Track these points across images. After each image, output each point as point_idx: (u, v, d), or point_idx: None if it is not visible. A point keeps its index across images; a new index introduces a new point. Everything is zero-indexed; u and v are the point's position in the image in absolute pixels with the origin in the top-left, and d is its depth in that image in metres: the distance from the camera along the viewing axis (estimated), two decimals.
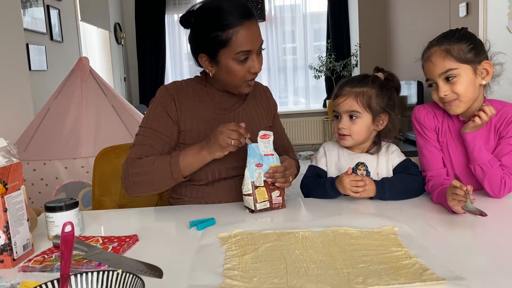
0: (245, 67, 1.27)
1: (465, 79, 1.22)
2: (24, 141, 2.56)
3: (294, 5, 6.44)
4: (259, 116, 1.45)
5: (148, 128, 1.32)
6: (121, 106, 2.75)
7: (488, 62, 1.23)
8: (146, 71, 6.34)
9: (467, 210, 1.04)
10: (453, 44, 1.22)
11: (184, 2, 6.32)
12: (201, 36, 1.28)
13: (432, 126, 1.35)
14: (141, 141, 1.32)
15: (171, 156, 1.24)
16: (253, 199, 1.21)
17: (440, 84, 1.23)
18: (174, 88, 1.37)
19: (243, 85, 1.31)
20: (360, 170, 1.35)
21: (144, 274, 0.84)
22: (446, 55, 1.21)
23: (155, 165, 1.24)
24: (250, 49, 1.25)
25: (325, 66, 6.18)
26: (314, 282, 0.79)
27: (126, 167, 1.29)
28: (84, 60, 2.75)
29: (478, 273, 0.80)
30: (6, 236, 0.92)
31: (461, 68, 1.21)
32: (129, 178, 1.27)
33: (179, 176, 1.24)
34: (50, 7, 4.18)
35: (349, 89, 1.33)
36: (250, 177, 1.21)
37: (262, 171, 1.21)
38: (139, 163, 1.26)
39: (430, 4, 4.52)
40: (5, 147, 0.96)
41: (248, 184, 1.21)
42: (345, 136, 1.34)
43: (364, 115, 1.32)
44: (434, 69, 1.23)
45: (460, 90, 1.21)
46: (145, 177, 1.25)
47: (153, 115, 1.34)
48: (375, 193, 1.27)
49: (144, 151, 1.30)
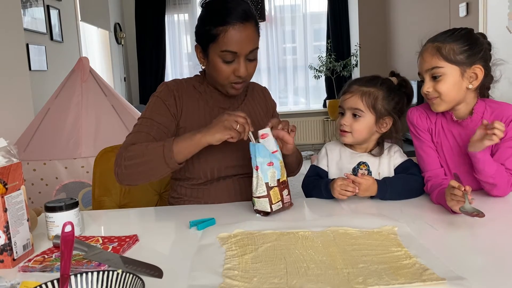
0: (230, 68, 1.27)
1: (450, 79, 1.21)
2: (24, 141, 2.56)
3: (294, 5, 6.44)
4: (257, 117, 1.46)
5: (146, 118, 1.32)
6: (121, 106, 2.75)
7: (479, 67, 1.21)
8: (146, 71, 6.34)
9: (465, 212, 1.04)
10: (447, 43, 1.21)
11: (184, 2, 6.33)
12: (199, 26, 1.31)
13: (425, 127, 1.35)
14: (138, 129, 1.31)
15: (165, 140, 1.21)
16: (269, 201, 1.17)
17: (426, 80, 1.25)
18: (174, 84, 1.38)
19: (228, 85, 1.32)
20: (361, 170, 1.35)
21: (144, 274, 0.84)
22: (436, 52, 1.21)
23: (148, 148, 1.21)
24: (235, 51, 1.24)
25: (325, 66, 6.17)
26: (314, 282, 0.79)
27: (119, 152, 1.27)
28: (84, 60, 2.75)
29: (478, 273, 0.80)
30: (6, 236, 0.92)
31: (447, 67, 1.20)
32: (121, 163, 1.24)
33: (172, 161, 1.18)
34: (50, 7, 4.18)
35: (357, 87, 1.34)
36: (264, 178, 1.16)
37: (275, 169, 1.18)
38: (132, 147, 1.24)
39: (430, 4, 4.52)
40: (5, 147, 0.96)
41: (262, 186, 1.16)
42: (345, 132, 1.34)
43: (367, 115, 1.32)
44: (424, 64, 1.24)
45: (442, 89, 1.21)
46: (137, 160, 1.21)
47: (152, 107, 1.34)
48: (376, 192, 1.27)
49: (140, 138, 1.28)
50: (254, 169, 1.18)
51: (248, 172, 1.40)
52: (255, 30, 1.29)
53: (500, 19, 3.26)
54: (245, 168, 1.39)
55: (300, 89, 6.67)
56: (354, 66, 6.18)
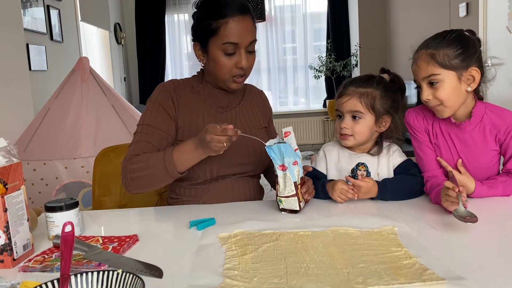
0: (232, 61, 1.29)
1: (448, 85, 1.20)
2: (24, 141, 2.56)
3: (294, 5, 6.44)
4: (255, 116, 1.47)
5: (146, 125, 1.33)
6: (121, 106, 2.75)
7: (475, 69, 1.20)
8: (146, 71, 6.34)
9: (457, 216, 1.01)
10: (440, 48, 1.19)
11: (184, 2, 6.32)
12: (197, 23, 1.32)
13: (422, 127, 1.35)
14: (138, 138, 1.33)
15: (164, 152, 1.23)
16: (298, 199, 1.18)
17: (424, 87, 1.23)
18: (171, 85, 1.39)
19: (229, 80, 1.32)
20: (360, 171, 1.35)
21: (144, 274, 0.84)
22: (430, 60, 1.20)
23: (150, 161, 1.24)
24: (237, 42, 1.26)
25: (325, 66, 6.17)
26: (314, 282, 0.79)
27: (124, 165, 1.30)
28: (84, 60, 2.75)
29: (478, 273, 0.80)
30: (6, 236, 0.92)
31: (444, 74, 1.19)
32: (127, 175, 1.28)
33: (174, 173, 1.22)
34: (50, 7, 4.18)
35: (353, 89, 1.33)
36: (292, 177, 1.17)
37: (299, 168, 1.19)
38: (135, 160, 1.27)
39: (430, 4, 4.52)
40: (5, 147, 0.96)
41: (291, 185, 1.17)
42: (347, 136, 1.34)
43: (367, 116, 1.32)
44: (419, 72, 1.23)
45: (442, 96, 1.21)
46: (141, 173, 1.25)
47: (150, 112, 1.35)
48: (377, 194, 1.27)
49: (142, 148, 1.30)
50: (279, 169, 1.17)
51: (247, 171, 1.41)
52: (253, 23, 1.32)
53: (500, 19, 3.26)
54: (244, 167, 1.39)
55: (300, 89, 6.67)
56: (354, 66, 6.18)
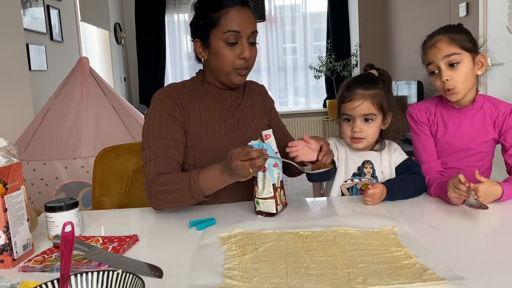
0: (234, 52, 1.29)
1: (466, 66, 1.28)
2: (24, 141, 2.56)
3: (294, 5, 6.44)
4: (256, 115, 1.46)
5: (158, 137, 1.29)
6: (121, 106, 2.75)
7: (483, 55, 1.31)
8: (146, 71, 6.34)
9: (470, 205, 1.09)
10: (457, 33, 1.29)
11: (184, 2, 6.32)
12: (197, 18, 1.32)
13: (424, 119, 1.41)
14: (155, 154, 1.27)
15: (190, 177, 1.17)
16: (275, 202, 1.17)
17: (443, 68, 1.29)
18: (174, 91, 1.36)
19: (233, 72, 1.31)
20: (366, 168, 1.35)
21: (144, 274, 0.84)
22: (451, 41, 1.28)
23: (175, 185, 1.19)
24: (238, 30, 1.27)
25: (325, 66, 6.18)
26: (314, 282, 0.79)
27: (148, 186, 1.24)
28: (84, 60, 2.75)
29: (478, 273, 0.80)
30: (6, 236, 0.92)
31: (463, 54, 1.28)
32: (153, 196, 1.23)
33: (201, 197, 1.18)
34: (50, 7, 4.18)
35: (363, 91, 1.30)
36: (272, 179, 1.16)
37: (279, 170, 1.19)
38: (159, 182, 1.22)
39: (430, 4, 4.52)
40: (5, 147, 0.96)
41: (269, 187, 1.16)
42: (360, 139, 1.32)
43: (378, 117, 1.32)
44: (439, 52, 1.29)
45: (460, 77, 1.28)
46: (168, 196, 1.21)
47: (159, 123, 1.31)
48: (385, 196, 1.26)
49: (163, 165, 1.26)
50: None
51: None
52: (253, 15, 1.33)
53: (500, 19, 3.26)
54: None
55: (300, 89, 6.67)
56: (354, 66, 6.18)
